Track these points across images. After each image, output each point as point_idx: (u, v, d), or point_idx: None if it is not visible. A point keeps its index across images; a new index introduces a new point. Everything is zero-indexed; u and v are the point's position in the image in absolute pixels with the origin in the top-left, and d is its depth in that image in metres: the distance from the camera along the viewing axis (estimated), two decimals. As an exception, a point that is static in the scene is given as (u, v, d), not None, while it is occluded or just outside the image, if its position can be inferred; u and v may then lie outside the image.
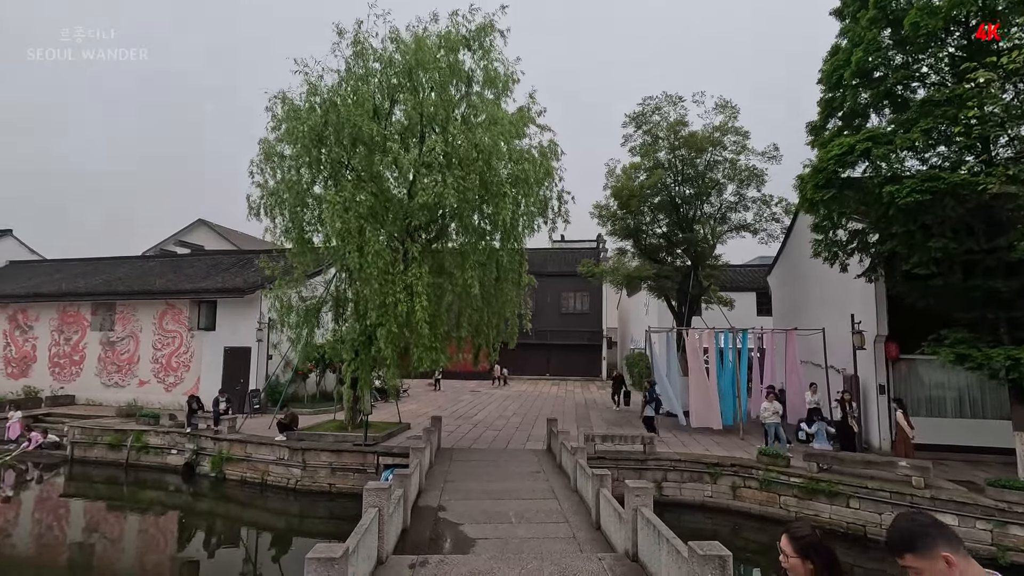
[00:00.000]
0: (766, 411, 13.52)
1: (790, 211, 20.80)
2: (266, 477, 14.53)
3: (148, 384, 21.26)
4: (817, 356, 16.92)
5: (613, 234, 22.92)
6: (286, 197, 12.04)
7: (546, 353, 38.84)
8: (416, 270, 10.82)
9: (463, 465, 11.84)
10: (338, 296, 13.61)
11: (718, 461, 12.94)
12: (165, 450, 16.29)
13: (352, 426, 15.44)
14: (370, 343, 12.07)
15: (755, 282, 30.25)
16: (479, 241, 13.81)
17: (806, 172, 12.47)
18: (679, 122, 19.56)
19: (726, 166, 20.61)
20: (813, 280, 18.15)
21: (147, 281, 22.82)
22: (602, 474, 7.67)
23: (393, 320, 10.73)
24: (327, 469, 13.92)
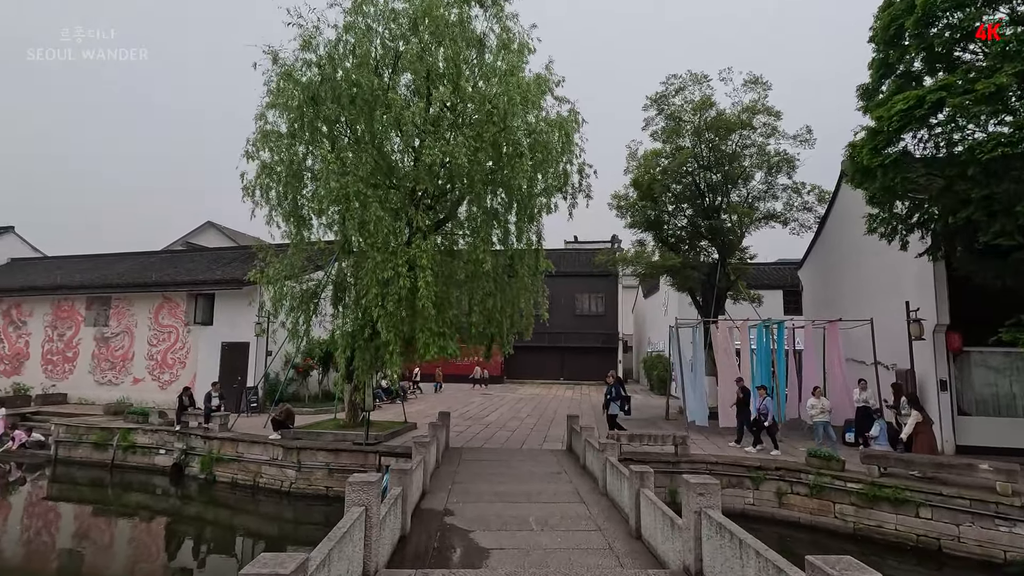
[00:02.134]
0: (813, 408, 12.06)
1: (824, 199, 19.38)
2: (258, 479, 13.29)
3: (143, 382, 20.19)
4: (861, 352, 15.43)
5: (632, 226, 21.56)
6: (280, 171, 10.87)
7: (559, 356, 37.45)
8: (420, 242, 9.58)
9: (474, 465, 10.51)
10: (338, 282, 12.33)
11: (760, 464, 11.50)
12: (153, 450, 15.13)
13: (353, 424, 14.17)
14: (371, 332, 10.77)
15: (781, 280, 28.72)
16: (492, 220, 12.60)
17: (859, 138, 11.13)
18: (705, 102, 18.23)
19: (754, 151, 19.27)
20: (853, 269, 16.69)
21: (145, 276, 21.83)
22: (642, 471, 6.32)
23: (394, 299, 9.48)
24: (324, 470, 12.66)
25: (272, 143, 10.80)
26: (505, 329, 13.86)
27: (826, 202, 19.43)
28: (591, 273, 39.78)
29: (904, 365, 13.51)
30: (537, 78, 12.14)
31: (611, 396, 14.34)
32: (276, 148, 10.80)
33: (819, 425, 11.88)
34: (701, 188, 19.71)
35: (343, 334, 11.19)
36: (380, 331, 9.67)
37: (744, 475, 11.58)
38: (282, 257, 12.00)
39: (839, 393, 14.63)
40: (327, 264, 13.28)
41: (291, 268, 11.90)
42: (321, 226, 12.04)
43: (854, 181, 11.83)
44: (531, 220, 13.25)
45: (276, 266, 11.86)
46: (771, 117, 18.25)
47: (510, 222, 13.27)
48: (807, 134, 19.01)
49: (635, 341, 43.57)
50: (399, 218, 10.27)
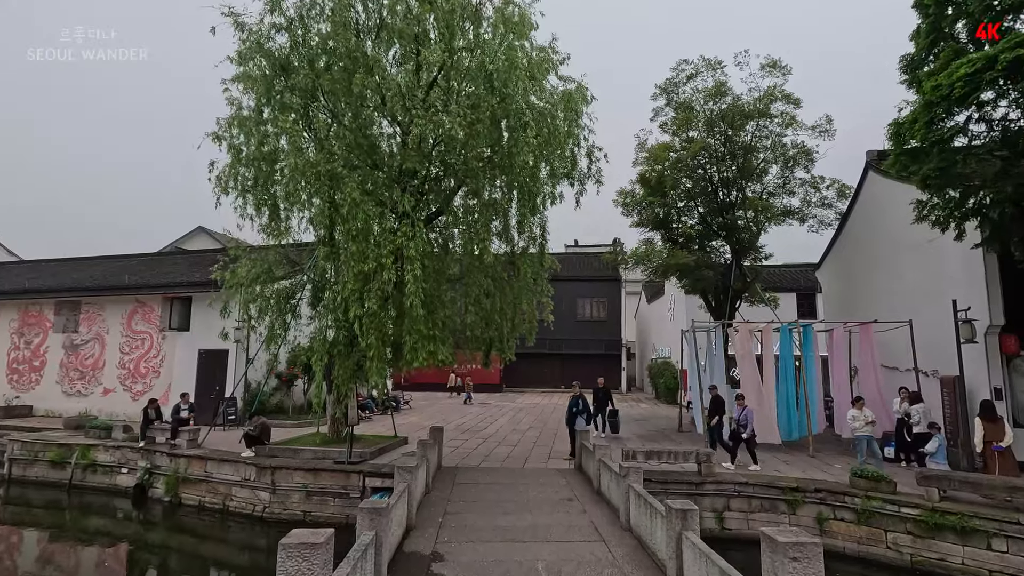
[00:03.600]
0: (855, 420, 10.66)
1: (845, 193, 18.08)
2: (228, 502, 11.83)
3: (113, 393, 18.70)
4: (893, 357, 14.04)
5: (639, 225, 20.23)
6: (249, 152, 9.49)
7: (560, 363, 36.01)
8: (408, 230, 8.19)
9: (470, 490, 9.06)
10: (317, 280, 10.87)
11: (797, 485, 10.08)
12: (115, 468, 13.66)
13: (337, 439, 12.74)
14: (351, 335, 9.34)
15: (794, 282, 27.43)
16: (491, 212, 11.27)
17: (905, 116, 9.82)
18: (719, 88, 16.94)
19: (770, 143, 17.99)
20: (883, 266, 15.34)
21: (119, 279, 20.39)
22: (685, 510, 4.91)
23: (377, 296, 8.10)
24: (301, 493, 11.20)
25: (239, 121, 9.45)
26: (505, 333, 12.49)
27: (847, 197, 18.14)
28: (593, 277, 38.53)
29: (948, 371, 12.16)
30: (540, 51, 10.83)
31: (577, 409, 12.52)
32: (243, 126, 9.45)
33: (862, 440, 10.48)
34: (714, 182, 18.41)
35: (320, 338, 9.78)
36: (359, 333, 8.24)
37: (778, 498, 10.17)
38: (254, 256, 10.57)
39: (874, 404, 13.23)
40: (307, 262, 11.88)
41: (263, 266, 10.47)
42: (298, 216, 10.63)
43: (897, 165, 10.51)
44: (534, 212, 11.93)
45: (247, 265, 10.44)
46: (790, 104, 16.97)
47: (511, 214, 11.95)
48: (827, 124, 17.71)
49: (638, 348, 42.17)
50: (383, 203, 8.87)
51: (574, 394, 12.93)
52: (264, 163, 9.38)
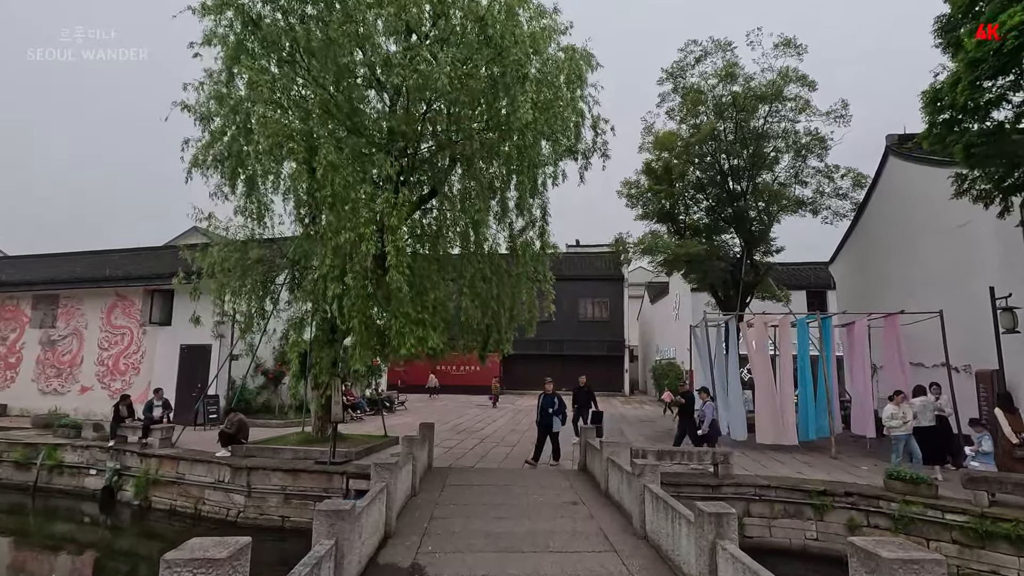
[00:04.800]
0: (892, 419, 9.67)
1: (861, 183, 17.18)
2: (200, 506, 10.86)
3: (91, 391, 17.74)
4: (917, 352, 13.06)
5: (644, 217, 19.36)
6: (222, 117, 8.58)
7: (561, 364, 34.91)
8: (391, 196, 7.26)
9: (462, 492, 8.09)
10: (296, 260, 9.85)
11: (825, 488, 9.11)
12: (83, 470, 12.69)
13: (322, 438, 11.78)
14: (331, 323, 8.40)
15: (803, 279, 26.50)
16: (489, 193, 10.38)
17: (943, 79, 8.93)
18: (729, 70, 16.06)
19: (783, 129, 17.12)
20: (906, 255, 14.40)
21: (100, 272, 19.48)
22: (720, 513, 3.97)
23: (358, 273, 7.17)
24: (279, 496, 10.24)
25: (209, 85, 8.55)
26: (503, 324, 11.56)
27: (863, 187, 17.24)
28: (595, 277, 37.60)
29: (982, 365, 11.22)
30: (539, 14, 9.93)
31: (553, 409, 11.07)
32: (214, 91, 8.55)
33: (899, 439, 9.49)
34: (724, 170, 17.52)
35: (296, 324, 8.85)
36: (337, 316, 7.31)
37: (804, 501, 9.20)
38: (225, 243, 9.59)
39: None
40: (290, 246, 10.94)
41: (236, 245, 9.51)
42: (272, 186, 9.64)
43: (932, 137, 9.59)
44: (534, 193, 11.04)
45: (219, 248, 9.49)
46: (804, 87, 16.09)
47: (509, 196, 11.06)
48: (843, 110, 16.84)
49: (641, 351, 41.18)
50: (363, 168, 7.93)
51: (547, 392, 11.43)
52: (237, 130, 8.47)
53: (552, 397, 11.28)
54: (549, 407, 11.15)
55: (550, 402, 11.23)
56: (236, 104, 8.34)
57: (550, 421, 11.10)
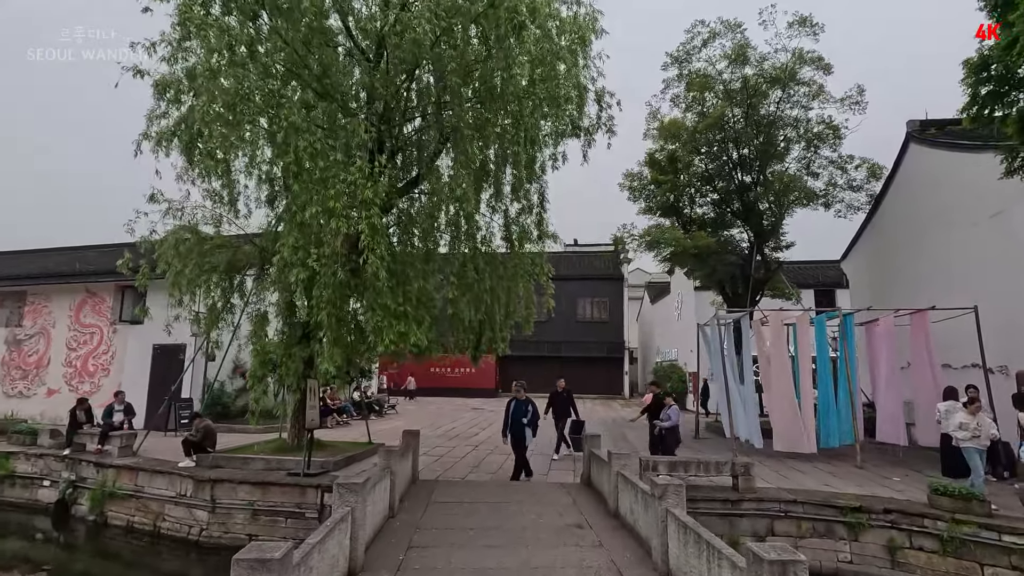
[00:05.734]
0: (962, 429, 8.37)
1: (877, 174, 16.21)
2: (159, 522, 9.76)
3: (58, 394, 16.61)
4: (947, 353, 12.04)
5: (648, 211, 18.37)
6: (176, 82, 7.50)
7: (559, 366, 33.82)
8: (364, 165, 6.20)
9: (448, 512, 7.02)
10: (263, 247, 8.67)
11: (860, 504, 8.07)
12: (36, 480, 11.59)
13: (297, 446, 10.70)
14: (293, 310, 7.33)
15: (811, 278, 25.53)
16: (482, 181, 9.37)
17: (993, 46, 7.96)
18: (739, 52, 15.07)
19: (794, 116, 16.16)
20: (928, 250, 13.41)
21: (70, 267, 18.34)
22: (787, 561, 2.94)
23: (326, 257, 6.13)
24: (246, 511, 9.15)
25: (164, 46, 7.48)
26: (498, 320, 10.53)
27: (879, 178, 16.27)
28: (594, 276, 36.62)
29: (1021, 365, 10.22)
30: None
31: (527, 419, 9.65)
32: (169, 53, 7.49)
33: (973, 454, 8.30)
34: (733, 160, 16.54)
35: (258, 318, 7.79)
36: (300, 306, 6.26)
37: (836, 519, 8.17)
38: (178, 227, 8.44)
39: (931, 406, 11.25)
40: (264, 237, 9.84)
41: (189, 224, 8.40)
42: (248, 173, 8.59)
43: (976, 112, 8.61)
44: (532, 177, 10.04)
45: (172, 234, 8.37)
46: (819, 71, 15.13)
47: (504, 180, 10.04)
48: (858, 95, 15.88)
49: (640, 352, 40.18)
50: (334, 134, 6.85)
51: (518, 397, 9.89)
52: (195, 97, 7.40)
53: (524, 404, 9.81)
54: (521, 416, 9.63)
55: (522, 410, 9.71)
56: (192, 67, 7.28)
57: (523, 433, 9.61)
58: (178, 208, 8.10)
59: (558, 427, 12.16)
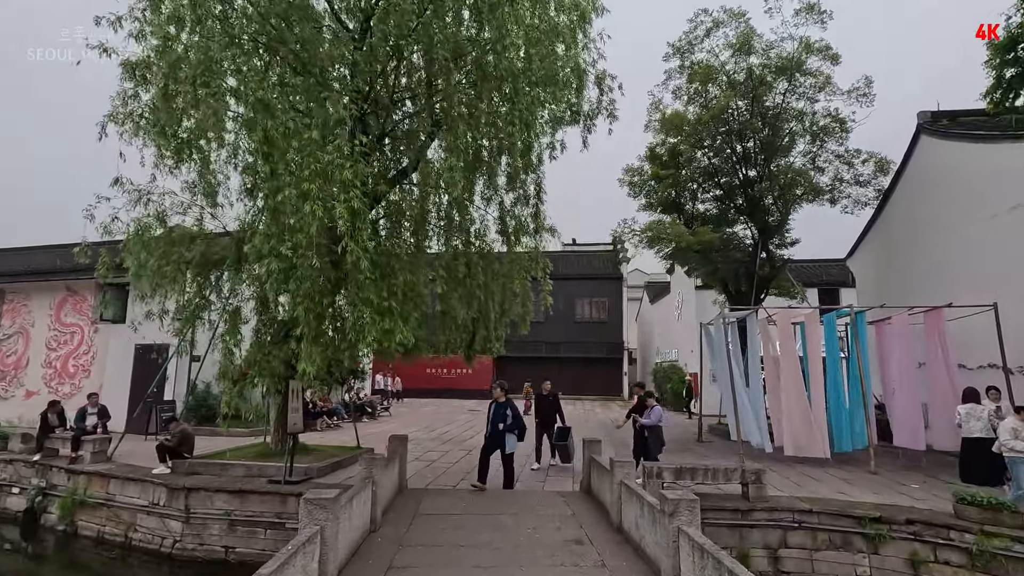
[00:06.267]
0: (1017, 437, 7.78)
1: (885, 169, 15.69)
2: (131, 533, 9.17)
3: (37, 395, 15.95)
4: (960, 353, 11.49)
5: (649, 207, 17.83)
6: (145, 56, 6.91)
7: (557, 367, 33.32)
8: (342, 142, 5.61)
9: (436, 525, 6.45)
10: (240, 238, 8.02)
11: (880, 514, 7.51)
12: (4, 488, 10.98)
13: (282, 451, 10.10)
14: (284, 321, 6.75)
15: (814, 277, 25.03)
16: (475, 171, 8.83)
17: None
18: (744, 41, 14.54)
19: (800, 109, 15.65)
20: (941, 246, 12.87)
21: (51, 264, 17.73)
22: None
23: (295, 240, 5.55)
24: (223, 522, 8.56)
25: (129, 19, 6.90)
26: (492, 318, 9.98)
27: (887, 173, 15.76)
28: (592, 276, 36.09)
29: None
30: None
31: (505, 423, 8.84)
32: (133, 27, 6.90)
33: (1020, 464, 7.72)
34: (738, 154, 16.01)
35: (230, 313, 7.21)
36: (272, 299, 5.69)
37: (853, 530, 7.61)
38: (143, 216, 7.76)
39: (947, 408, 10.73)
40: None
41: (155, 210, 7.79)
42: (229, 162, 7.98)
43: (1000, 95, 8.09)
44: (528, 167, 9.51)
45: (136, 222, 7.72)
46: (827, 61, 14.60)
47: (499, 171, 9.48)
48: (866, 87, 15.36)
49: (639, 353, 39.65)
50: (309, 110, 6.24)
51: (498, 400, 9.06)
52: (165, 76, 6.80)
53: (505, 408, 8.96)
54: (501, 421, 8.84)
55: (502, 415, 8.89)
56: (162, 43, 6.71)
57: (502, 439, 8.83)
58: (146, 195, 7.49)
59: (541, 434, 11.17)
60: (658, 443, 9.70)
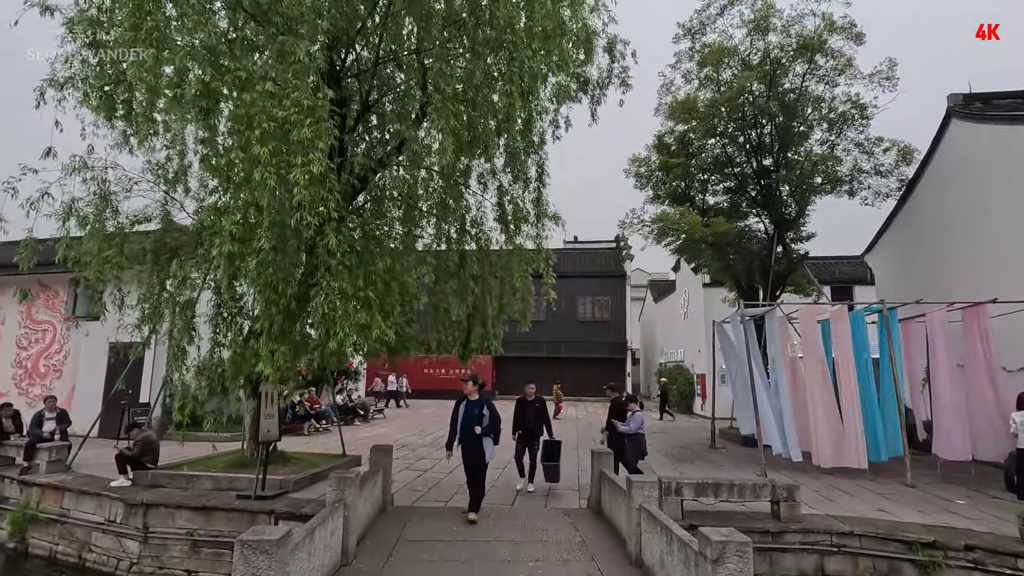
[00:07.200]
0: None
1: (909, 158, 14.74)
2: (85, 553, 8.20)
3: (6, 397, 14.96)
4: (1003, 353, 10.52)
5: (657, 199, 16.88)
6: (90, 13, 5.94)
7: (558, 368, 32.38)
8: (302, 96, 4.61)
9: (420, 555, 5.46)
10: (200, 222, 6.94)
11: (933, 539, 6.54)
12: (-46, 500, 9.99)
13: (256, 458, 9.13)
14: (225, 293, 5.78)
15: (827, 275, 24.04)
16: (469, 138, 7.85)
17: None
18: (763, 15, 13.57)
19: (820, 92, 14.71)
20: (976, 238, 11.89)
21: (26, 257, 16.75)
22: None
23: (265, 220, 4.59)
24: (185, 542, 7.60)
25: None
26: (490, 313, 9.03)
27: (910, 162, 14.82)
28: (595, 274, 35.10)
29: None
30: None
31: (481, 425, 6.97)
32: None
33: None
34: (752, 142, 15.06)
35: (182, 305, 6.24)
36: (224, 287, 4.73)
37: (902, 556, 6.64)
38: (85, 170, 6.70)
39: (988, 412, 9.77)
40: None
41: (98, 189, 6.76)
42: None
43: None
44: (529, 149, 8.58)
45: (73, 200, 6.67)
46: (850, 40, 13.64)
47: (498, 151, 8.51)
48: (889, 71, 14.41)
49: (643, 353, 38.70)
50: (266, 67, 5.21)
51: (468, 396, 7.23)
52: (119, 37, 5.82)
53: (478, 406, 7.05)
54: (476, 423, 6.89)
55: (474, 415, 6.94)
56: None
57: (480, 447, 6.93)
58: (81, 164, 6.45)
59: (524, 448, 8.85)
60: (638, 452, 8.72)
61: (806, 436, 10.14)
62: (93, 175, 6.54)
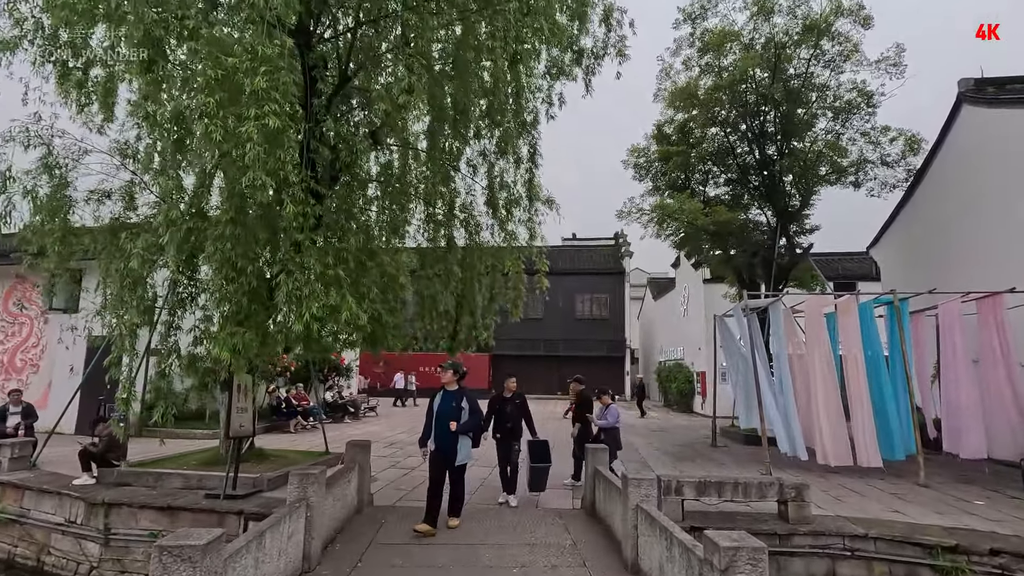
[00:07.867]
0: None
1: (916, 148, 14.28)
2: (44, 556, 7.67)
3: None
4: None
5: (656, 190, 16.38)
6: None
7: (556, 366, 31.85)
8: (254, 42, 4.06)
9: (393, 560, 4.94)
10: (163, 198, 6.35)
11: (955, 542, 6.04)
12: (-88, 499, 9.44)
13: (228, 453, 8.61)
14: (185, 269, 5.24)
15: (830, 270, 23.57)
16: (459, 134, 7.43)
17: None
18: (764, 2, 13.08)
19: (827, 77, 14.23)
20: (990, 229, 11.38)
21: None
22: None
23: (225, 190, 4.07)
24: (148, 545, 7.05)
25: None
26: (480, 303, 8.53)
27: (917, 152, 14.35)
28: (593, 271, 34.62)
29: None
30: None
31: (459, 422, 5.99)
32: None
33: None
34: (754, 130, 14.56)
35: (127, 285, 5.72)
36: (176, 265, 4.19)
37: (920, 560, 6.13)
38: None
39: (1006, 410, 9.26)
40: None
41: (45, 156, 6.19)
42: None
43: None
44: (521, 129, 8.10)
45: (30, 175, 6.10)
46: (858, 24, 13.15)
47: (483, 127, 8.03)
48: (896, 56, 13.91)
49: (642, 352, 38.18)
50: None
51: (446, 387, 6.24)
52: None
53: (455, 398, 6.09)
54: (452, 418, 5.93)
55: (451, 409, 5.99)
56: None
57: (452, 447, 5.93)
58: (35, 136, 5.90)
59: (506, 452, 7.67)
60: (614, 447, 8.35)
61: (812, 434, 9.64)
62: (39, 142, 5.97)
